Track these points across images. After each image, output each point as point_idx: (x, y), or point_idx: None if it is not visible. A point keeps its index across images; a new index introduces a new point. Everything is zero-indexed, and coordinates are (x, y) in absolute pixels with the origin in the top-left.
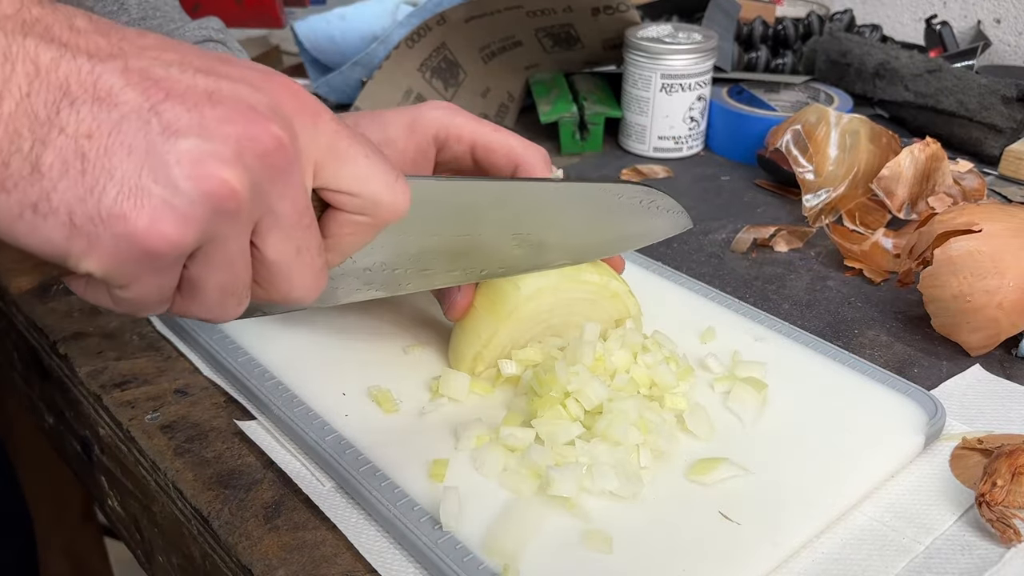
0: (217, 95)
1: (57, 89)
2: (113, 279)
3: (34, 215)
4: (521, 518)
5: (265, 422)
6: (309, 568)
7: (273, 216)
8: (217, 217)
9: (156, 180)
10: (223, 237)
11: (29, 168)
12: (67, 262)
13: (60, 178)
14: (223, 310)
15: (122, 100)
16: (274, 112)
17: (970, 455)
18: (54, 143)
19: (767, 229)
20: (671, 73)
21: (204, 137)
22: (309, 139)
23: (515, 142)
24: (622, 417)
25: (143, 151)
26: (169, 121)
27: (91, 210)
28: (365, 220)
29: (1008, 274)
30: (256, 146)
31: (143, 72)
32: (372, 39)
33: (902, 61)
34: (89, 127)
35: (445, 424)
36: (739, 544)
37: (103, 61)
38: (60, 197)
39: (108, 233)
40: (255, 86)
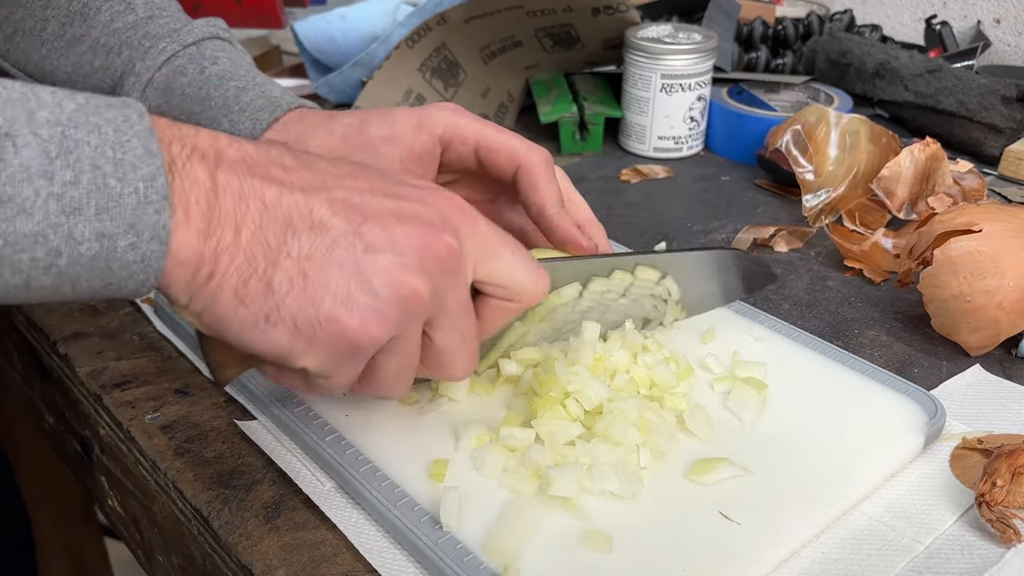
0: (401, 214)
1: (282, 221)
2: (322, 371)
3: (266, 324)
4: (521, 518)
5: (265, 422)
6: (309, 568)
7: (444, 311)
8: (407, 317)
9: (363, 290)
10: (407, 332)
11: (264, 286)
12: (287, 360)
13: (287, 293)
14: (395, 390)
15: (332, 226)
16: (445, 223)
17: (970, 455)
18: (282, 265)
19: (767, 229)
20: (671, 73)
21: (396, 252)
22: (471, 243)
23: (518, 143)
24: (622, 417)
25: (351, 267)
26: (369, 241)
27: (312, 317)
28: (512, 306)
29: (1008, 274)
30: (435, 255)
31: (344, 201)
32: (372, 39)
33: (902, 61)
34: (309, 250)
35: (445, 424)
36: (739, 544)
37: (312, 194)
38: (287, 309)
39: (326, 334)
40: (428, 203)
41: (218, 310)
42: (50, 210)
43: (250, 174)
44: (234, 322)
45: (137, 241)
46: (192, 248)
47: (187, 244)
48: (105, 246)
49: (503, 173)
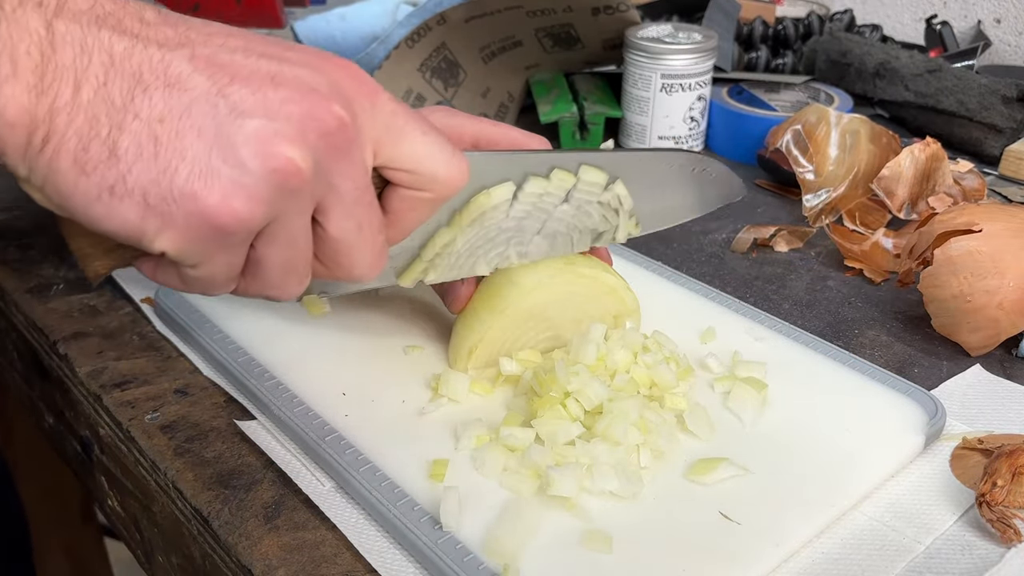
0: (280, 77)
1: (131, 77)
2: (185, 257)
3: (111, 197)
4: (521, 518)
5: (265, 422)
6: (309, 568)
7: (335, 194)
8: (282, 194)
9: (225, 160)
10: (287, 214)
11: (107, 152)
12: (141, 242)
13: (135, 161)
14: (285, 287)
15: (191, 85)
16: (335, 92)
17: (970, 455)
18: (129, 128)
19: (767, 229)
20: (671, 73)
21: (269, 117)
22: (368, 119)
23: (516, 133)
24: (622, 417)
25: (212, 133)
26: (235, 103)
27: (164, 190)
28: (424, 196)
29: (1008, 274)
30: (319, 125)
31: (210, 58)
32: (372, 39)
33: (902, 61)
34: (161, 111)
35: (445, 424)
36: (739, 544)
37: (172, 50)
38: (135, 179)
39: (181, 211)
40: (315, 68)
41: (58, 181)
42: None
43: (97, 25)
44: (76, 195)
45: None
46: (21, 105)
47: (15, 100)
48: None
49: None
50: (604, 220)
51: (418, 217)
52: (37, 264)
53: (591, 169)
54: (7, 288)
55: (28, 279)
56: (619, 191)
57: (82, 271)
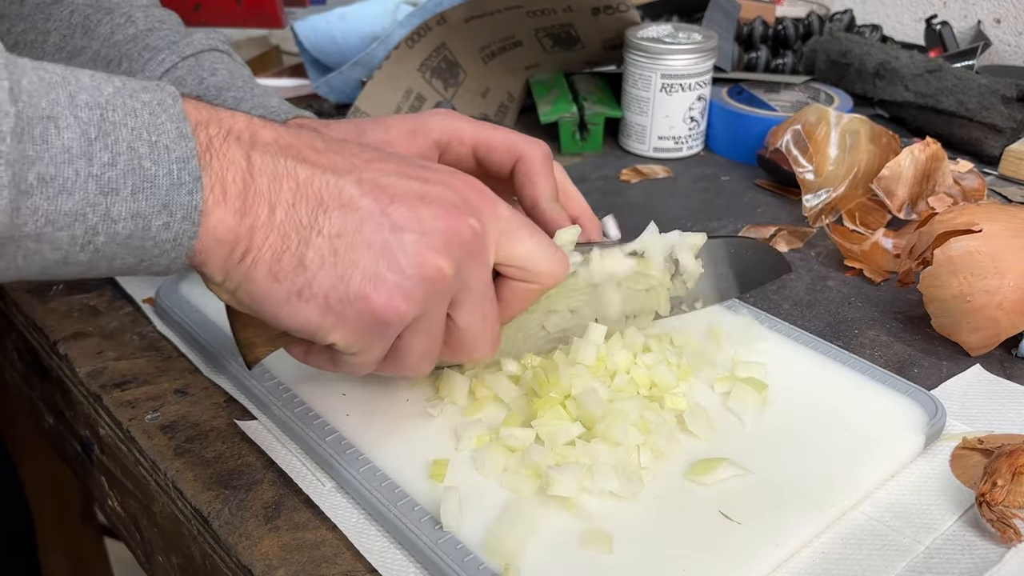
0: (426, 196)
1: (314, 200)
2: (350, 348)
3: (299, 300)
4: (521, 518)
5: (265, 422)
6: (309, 568)
7: (467, 292)
8: (431, 295)
9: (389, 268)
10: (432, 310)
11: (296, 262)
12: (316, 336)
13: (319, 269)
14: (419, 368)
15: (360, 206)
16: (468, 206)
17: (970, 455)
18: (314, 242)
19: (767, 229)
20: (671, 73)
21: (421, 232)
22: (492, 226)
23: (515, 137)
24: (622, 418)
25: (379, 246)
26: (396, 221)
27: (342, 293)
28: (532, 287)
29: (1008, 274)
30: (459, 236)
31: (373, 183)
32: (372, 39)
33: (902, 61)
34: (339, 228)
35: (445, 424)
36: (739, 544)
37: (342, 175)
38: (319, 285)
39: (354, 310)
40: (451, 186)
41: (252, 287)
42: (89, 190)
43: (283, 155)
44: (268, 298)
45: (170, 221)
46: (229, 226)
47: (224, 222)
48: (140, 225)
49: (502, 168)
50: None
51: (524, 305)
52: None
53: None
54: (7, 288)
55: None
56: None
57: (243, 357)
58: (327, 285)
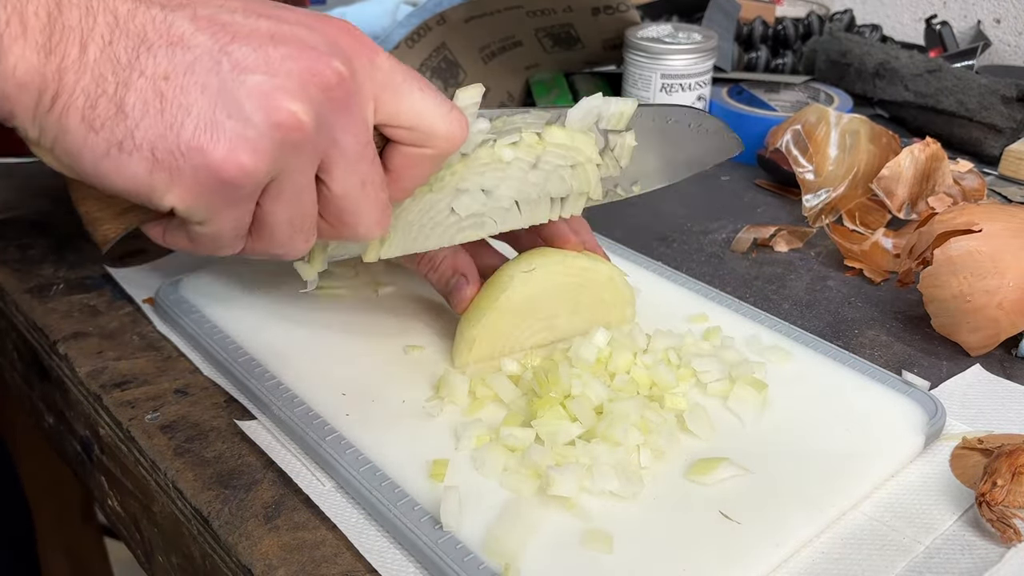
0: (279, 36)
1: (135, 36)
2: (193, 213)
3: (120, 152)
4: (521, 518)
5: (265, 422)
6: (309, 568)
7: (337, 150)
8: (286, 148)
9: (229, 115)
10: (291, 169)
11: (114, 109)
12: (151, 198)
13: (142, 117)
14: (292, 245)
15: (194, 43)
16: (334, 49)
17: (970, 455)
18: (135, 85)
19: (767, 229)
20: (671, 73)
21: (270, 73)
22: (367, 76)
23: None
24: (622, 418)
25: (216, 89)
26: (238, 60)
27: (171, 145)
28: (425, 152)
29: (1008, 274)
30: (319, 80)
31: (211, 18)
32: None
33: (902, 61)
34: (166, 69)
35: (445, 424)
36: (739, 544)
37: (174, 10)
38: (143, 134)
39: (188, 165)
40: (313, 27)
41: (67, 139)
42: None
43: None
44: (85, 152)
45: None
46: (31, 65)
47: (25, 60)
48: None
49: None
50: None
51: (419, 174)
52: (37, 264)
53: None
54: (7, 288)
55: (28, 279)
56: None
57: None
58: (153, 134)
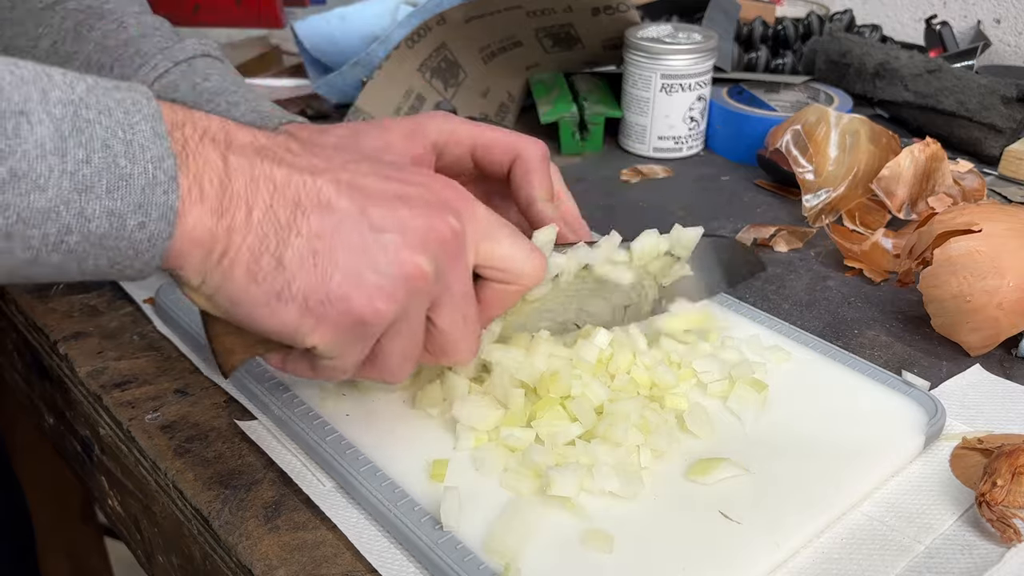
0: (405, 197)
1: (291, 201)
2: (330, 350)
3: (278, 301)
4: (521, 518)
5: (265, 422)
6: (309, 568)
7: (448, 293)
8: (411, 294)
9: (369, 268)
10: (412, 311)
11: (275, 264)
12: (295, 339)
13: (298, 270)
14: (400, 372)
15: (339, 207)
16: (447, 207)
17: (970, 455)
18: (292, 243)
19: (767, 229)
20: (671, 73)
21: (400, 232)
22: (471, 227)
23: (513, 136)
24: (623, 419)
25: (359, 246)
26: (375, 221)
27: (322, 295)
28: (512, 288)
29: (1008, 274)
30: (438, 236)
31: (350, 183)
32: (372, 39)
33: (902, 61)
34: (318, 229)
35: (445, 424)
36: (739, 544)
37: (320, 176)
38: (298, 286)
39: (334, 311)
40: (429, 187)
41: (230, 288)
42: (63, 187)
43: (260, 157)
44: (246, 300)
45: (146, 220)
46: (206, 226)
47: (201, 222)
48: (115, 224)
49: (500, 168)
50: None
51: (505, 306)
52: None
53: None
54: (7, 288)
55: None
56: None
57: (220, 366)
58: (307, 286)
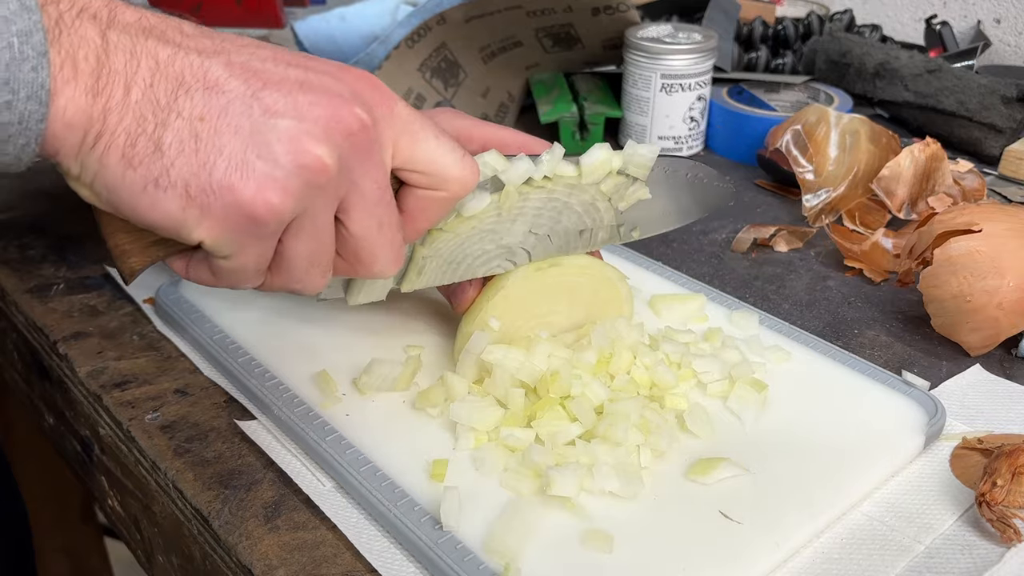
0: (307, 84)
1: (174, 80)
2: (220, 247)
3: (156, 189)
4: (521, 518)
5: (265, 422)
6: (309, 568)
7: (357, 192)
8: (310, 189)
9: (259, 156)
10: (314, 209)
11: (152, 147)
12: (181, 232)
13: (178, 155)
14: (309, 280)
15: (228, 88)
16: (356, 98)
17: (970, 455)
18: (172, 125)
19: (767, 229)
20: (671, 73)
21: (298, 118)
22: (387, 123)
23: (524, 138)
24: (623, 419)
25: (247, 131)
26: (268, 105)
27: (204, 182)
28: (438, 195)
29: (1008, 274)
30: (343, 126)
31: (244, 65)
32: (372, 39)
33: (902, 61)
34: (201, 111)
35: (445, 424)
36: (739, 544)
37: (210, 57)
38: (178, 172)
39: (219, 202)
40: (338, 77)
41: (107, 175)
42: None
43: (144, 35)
44: (123, 187)
45: (13, 99)
46: (80, 106)
47: (74, 102)
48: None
49: None
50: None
51: (432, 216)
52: (37, 264)
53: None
54: (7, 288)
55: (28, 279)
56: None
57: (119, 271)
58: (187, 172)
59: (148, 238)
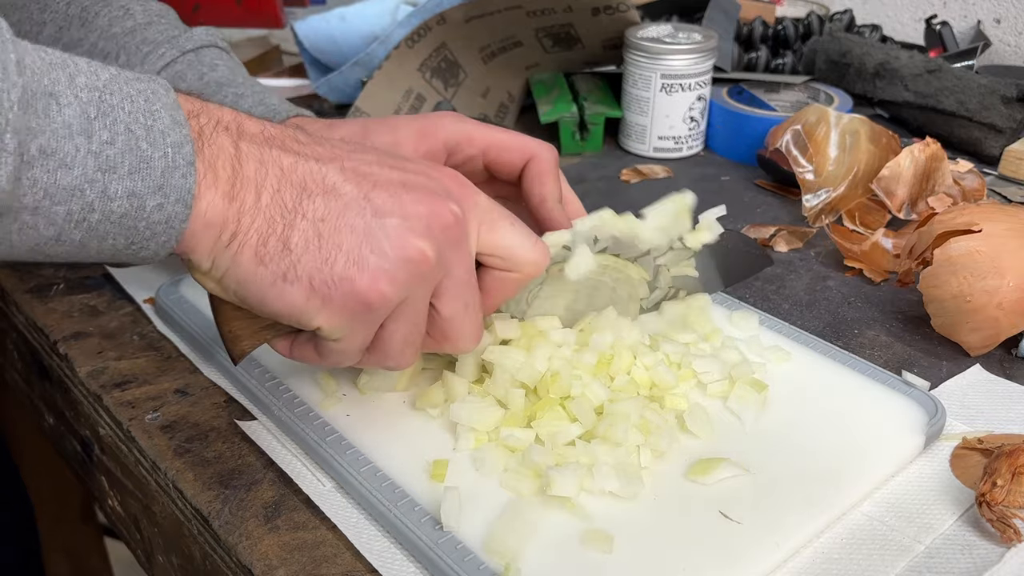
0: (408, 184)
1: (298, 185)
2: (334, 332)
3: (284, 282)
4: (521, 518)
5: (265, 422)
6: (309, 568)
7: (450, 278)
8: (414, 278)
9: (372, 251)
10: (415, 296)
11: (281, 246)
12: (302, 319)
13: (303, 252)
14: (403, 357)
15: (344, 191)
16: (448, 194)
17: (970, 455)
18: (299, 226)
19: (767, 229)
20: (671, 73)
21: (403, 217)
22: (472, 215)
23: (526, 139)
24: (623, 419)
25: (362, 229)
26: (378, 206)
27: (326, 276)
28: (513, 276)
29: (1008, 274)
30: (440, 221)
31: (355, 170)
32: (372, 39)
33: (902, 61)
34: (323, 213)
35: (445, 424)
36: (739, 544)
37: (326, 163)
38: (303, 267)
39: (339, 292)
40: (431, 176)
41: (239, 271)
42: (88, 166)
43: (268, 145)
44: (253, 281)
45: (164, 202)
46: (218, 209)
47: (214, 205)
48: (135, 204)
49: (513, 169)
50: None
51: (507, 295)
52: (37, 264)
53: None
54: (7, 288)
55: (28, 279)
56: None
57: (229, 352)
58: (311, 267)
59: (259, 323)
